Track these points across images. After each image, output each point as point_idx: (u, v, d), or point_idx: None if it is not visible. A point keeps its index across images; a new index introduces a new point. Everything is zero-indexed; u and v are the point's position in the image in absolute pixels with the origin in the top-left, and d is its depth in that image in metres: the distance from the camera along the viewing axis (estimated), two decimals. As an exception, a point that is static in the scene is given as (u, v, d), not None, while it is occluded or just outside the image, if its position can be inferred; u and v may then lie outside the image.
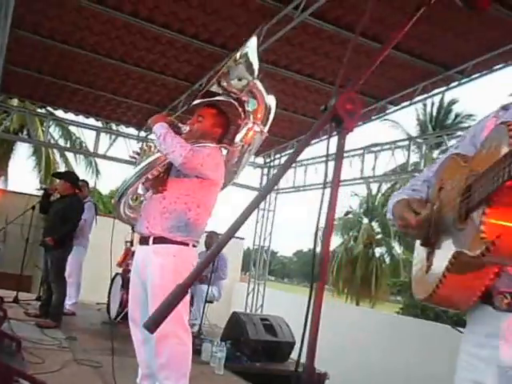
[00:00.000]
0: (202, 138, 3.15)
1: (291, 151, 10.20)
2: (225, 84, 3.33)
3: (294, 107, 8.38)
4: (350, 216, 29.18)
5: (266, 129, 3.44)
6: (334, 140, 1.10)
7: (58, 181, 6.49)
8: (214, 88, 3.35)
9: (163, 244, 2.98)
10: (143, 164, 3.21)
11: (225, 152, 3.35)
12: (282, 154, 10.68)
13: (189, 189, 3.04)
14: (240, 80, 3.33)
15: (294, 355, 5.99)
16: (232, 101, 3.41)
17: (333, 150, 1.09)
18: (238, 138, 3.34)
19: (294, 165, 10.26)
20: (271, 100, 3.44)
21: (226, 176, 3.30)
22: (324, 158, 9.76)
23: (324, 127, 1.10)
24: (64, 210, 5.94)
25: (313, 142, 9.23)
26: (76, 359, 4.26)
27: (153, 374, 3.01)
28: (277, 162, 11.01)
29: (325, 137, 9.06)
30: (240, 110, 3.39)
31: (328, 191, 1.10)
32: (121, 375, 3.45)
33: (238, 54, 3.28)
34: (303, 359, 1.12)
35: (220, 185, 3.18)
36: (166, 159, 3.10)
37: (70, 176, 6.56)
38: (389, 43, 1.12)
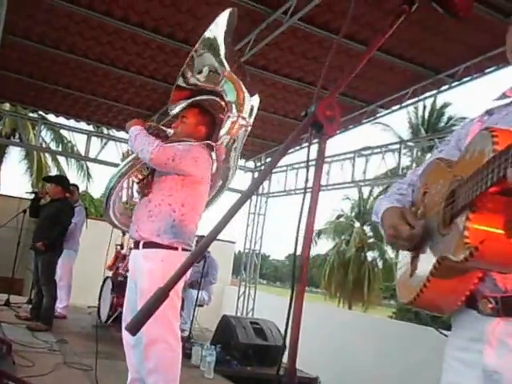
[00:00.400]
0: (187, 139, 3.15)
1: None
2: (193, 79, 3.31)
3: (284, 111, 8.42)
4: (342, 219, 29.23)
5: (251, 121, 3.40)
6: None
7: (48, 184, 6.46)
8: (181, 83, 3.32)
9: (152, 248, 2.95)
10: (122, 164, 3.24)
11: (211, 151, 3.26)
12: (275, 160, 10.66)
13: (171, 188, 3.00)
14: (211, 71, 3.30)
15: (285, 359, 5.97)
16: (208, 96, 3.40)
17: (314, 155, 1.10)
18: (222, 131, 3.28)
19: (285, 168, 10.29)
20: (255, 100, 3.44)
21: (219, 174, 3.31)
22: (314, 162, 9.79)
23: (304, 132, 1.12)
24: (54, 214, 5.93)
25: (302, 146, 9.30)
26: (66, 362, 4.25)
27: (142, 379, 2.99)
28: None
29: (316, 140, 9.12)
30: (221, 103, 3.36)
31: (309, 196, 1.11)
32: (111, 378, 3.44)
33: (198, 44, 3.23)
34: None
35: (205, 181, 3.08)
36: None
37: (60, 180, 6.54)
38: (370, 49, 1.13)
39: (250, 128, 3.41)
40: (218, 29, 3.29)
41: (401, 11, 1.11)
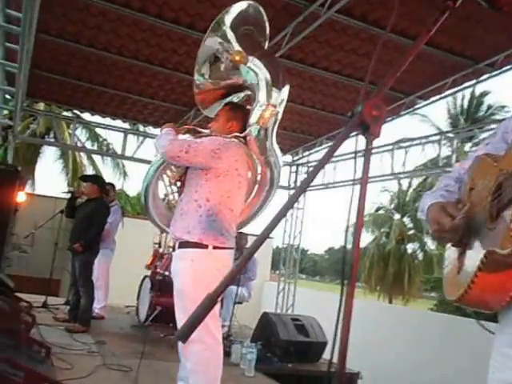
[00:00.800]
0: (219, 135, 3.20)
1: (319, 148, 10.24)
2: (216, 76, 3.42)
3: (322, 104, 8.41)
4: (381, 212, 28.92)
5: (281, 110, 3.44)
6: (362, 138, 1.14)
7: (84, 184, 6.56)
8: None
9: (184, 248, 2.99)
10: (154, 160, 3.35)
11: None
12: (311, 152, 10.69)
13: (197, 184, 3.02)
14: (230, 64, 3.39)
15: (326, 355, 5.98)
16: (241, 93, 3.47)
17: (361, 147, 1.13)
18: (251, 121, 3.27)
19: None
20: (285, 90, 3.47)
21: (256, 167, 3.32)
22: (352, 155, 9.76)
23: (351, 133, 1.13)
24: (90, 214, 6.00)
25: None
26: (105, 364, 4.28)
27: (187, 377, 3.06)
28: (305, 160, 11.04)
29: (353, 134, 9.09)
30: (252, 94, 3.39)
31: (357, 188, 1.14)
32: (150, 378, 3.49)
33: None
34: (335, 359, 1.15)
35: (231, 174, 3.02)
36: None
37: (97, 179, 6.64)
38: (416, 46, 1.14)
39: (279, 117, 3.41)
40: (226, 17, 3.39)
41: (445, 7, 1.13)
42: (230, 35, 3.40)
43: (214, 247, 2.93)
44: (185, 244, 2.97)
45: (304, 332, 5.90)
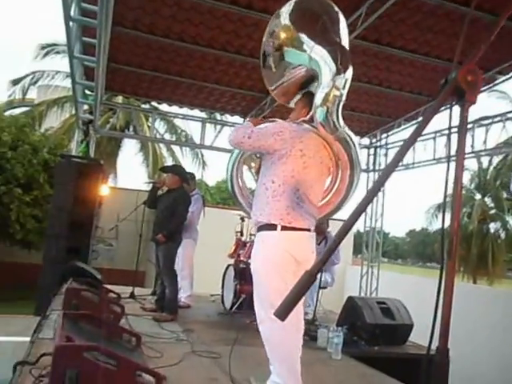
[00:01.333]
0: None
1: (397, 130, 10.12)
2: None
3: (400, 84, 8.27)
4: (462, 192, 27.92)
5: (345, 93, 3.35)
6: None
7: (165, 175, 6.59)
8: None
9: (258, 231, 3.12)
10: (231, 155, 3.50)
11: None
12: (389, 134, 10.58)
13: (266, 169, 3.15)
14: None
15: (412, 338, 5.88)
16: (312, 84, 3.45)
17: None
18: (316, 103, 3.28)
19: (401, 142, 10.09)
20: (349, 72, 3.38)
21: (333, 150, 3.31)
22: (433, 135, 9.51)
23: (445, 101, 1.07)
24: (171, 205, 6.04)
25: (417, 119, 9.05)
26: (194, 351, 4.33)
27: None
28: (383, 142, 10.91)
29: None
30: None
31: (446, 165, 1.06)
32: (239, 364, 3.51)
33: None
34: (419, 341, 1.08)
35: (294, 155, 3.08)
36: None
37: (177, 169, 6.61)
38: (504, 16, 1.18)
39: (343, 98, 3.35)
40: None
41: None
42: (287, 17, 3.45)
43: (282, 228, 3.00)
44: (259, 227, 3.11)
45: (390, 315, 5.86)
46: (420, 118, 9.34)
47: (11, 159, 11.74)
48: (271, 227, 3.00)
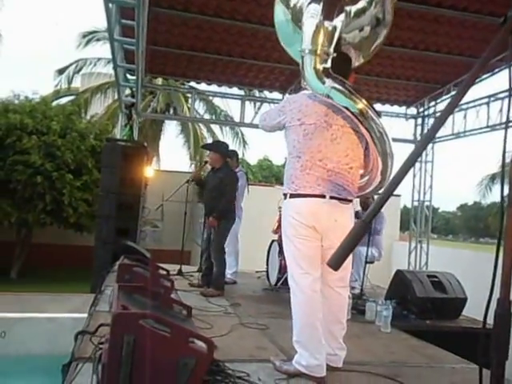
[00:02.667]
0: None
1: (447, 97, 9.73)
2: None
3: (448, 48, 7.97)
4: (521, 162, 26.95)
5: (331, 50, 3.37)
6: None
7: (207, 153, 6.71)
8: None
9: (285, 200, 3.29)
10: None
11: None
12: (437, 101, 10.22)
13: (290, 142, 3.29)
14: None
15: (466, 312, 5.82)
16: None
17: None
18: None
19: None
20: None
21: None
22: (486, 100, 9.14)
23: (505, 42, 1.02)
24: (219, 184, 6.09)
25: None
26: (243, 323, 4.50)
27: (326, 331, 3.18)
28: (431, 111, 10.57)
29: (487, 75, 8.45)
30: None
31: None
32: (286, 336, 3.59)
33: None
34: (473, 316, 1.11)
35: (293, 125, 3.23)
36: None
37: (218, 146, 6.54)
38: None
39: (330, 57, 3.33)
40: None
41: None
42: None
43: (290, 196, 3.18)
44: (285, 196, 3.28)
45: (441, 288, 5.79)
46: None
47: (61, 146, 12.26)
48: (285, 197, 3.23)
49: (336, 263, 1.06)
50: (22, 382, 7.02)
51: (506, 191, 1.27)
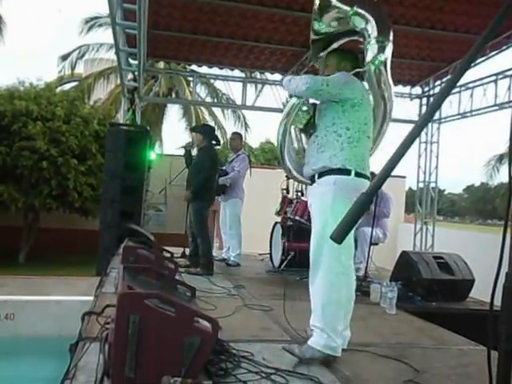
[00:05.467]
0: None
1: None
2: (325, 29, 3.53)
3: (455, 25, 7.83)
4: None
5: (391, 41, 3.38)
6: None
7: (194, 134, 6.89)
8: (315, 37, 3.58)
9: (325, 176, 3.12)
10: (280, 120, 3.45)
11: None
12: (443, 80, 10.07)
13: (333, 117, 3.16)
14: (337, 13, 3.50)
15: (473, 294, 5.79)
16: (343, 39, 3.57)
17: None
18: (368, 59, 3.36)
19: (457, 89, 9.68)
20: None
21: (377, 103, 3.40)
22: (494, 78, 9.01)
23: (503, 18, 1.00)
24: (197, 163, 6.35)
25: (480, 60, 8.53)
26: (246, 304, 4.52)
27: None
28: (437, 90, 10.38)
29: (494, 52, 8.35)
30: (359, 39, 3.48)
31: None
32: (290, 317, 3.63)
33: None
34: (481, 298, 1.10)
35: (364, 104, 3.20)
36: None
37: (202, 128, 6.94)
38: None
39: (391, 49, 3.39)
40: None
41: None
42: None
43: (356, 174, 3.07)
44: (326, 172, 3.11)
45: (448, 270, 5.75)
46: (479, 60, 8.83)
47: (65, 132, 12.35)
48: (344, 172, 3.07)
49: (339, 237, 1.06)
50: (31, 362, 7.10)
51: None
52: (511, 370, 1.24)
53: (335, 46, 3.60)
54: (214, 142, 6.56)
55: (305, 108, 3.33)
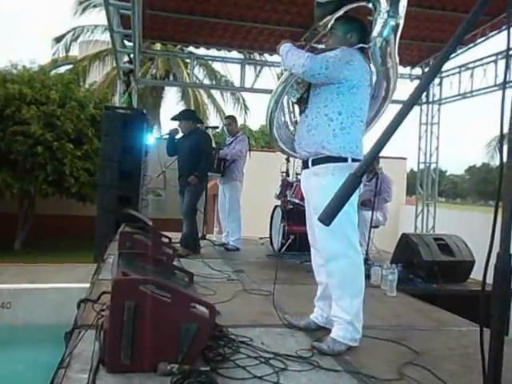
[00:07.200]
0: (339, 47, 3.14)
1: (453, 56, 9.46)
2: None
3: (454, 4, 7.77)
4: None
5: (402, 15, 3.20)
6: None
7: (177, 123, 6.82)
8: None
9: (322, 164, 3.03)
10: (277, 84, 3.30)
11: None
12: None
13: (326, 99, 3.04)
14: None
15: (474, 275, 5.80)
16: (352, 5, 3.33)
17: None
18: (373, 33, 3.19)
19: (457, 70, 9.65)
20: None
21: (380, 80, 3.28)
22: (494, 58, 8.98)
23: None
24: (196, 146, 6.34)
25: (480, 39, 8.48)
26: (246, 289, 4.52)
27: (328, 296, 3.12)
28: (437, 72, 10.36)
29: (494, 32, 8.29)
30: (367, 5, 3.28)
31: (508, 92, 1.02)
32: (290, 301, 3.63)
33: None
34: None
35: (363, 85, 3.06)
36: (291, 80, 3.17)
37: (186, 114, 6.93)
38: None
39: (401, 25, 3.22)
40: None
41: None
42: None
43: (353, 160, 2.97)
44: (322, 159, 3.03)
45: (448, 251, 5.77)
46: (479, 40, 8.76)
47: (60, 116, 12.32)
48: (340, 160, 2.99)
49: (328, 219, 1.04)
50: (29, 350, 7.14)
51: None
52: (503, 350, 1.26)
53: (345, 10, 3.37)
54: (210, 126, 6.63)
55: (300, 80, 3.21)
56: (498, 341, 1.24)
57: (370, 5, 3.26)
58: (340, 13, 3.34)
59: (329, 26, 3.33)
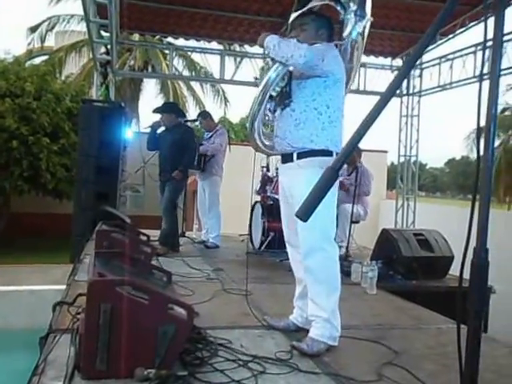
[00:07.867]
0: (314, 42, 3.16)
1: (433, 47, 9.46)
2: None
3: (435, -6, 7.76)
4: (507, 113, 26.96)
5: (369, 14, 3.31)
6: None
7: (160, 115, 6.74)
8: None
9: (308, 157, 3.03)
10: (261, 85, 3.20)
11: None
12: (425, 52, 10.05)
13: (314, 92, 3.05)
14: None
15: (453, 271, 5.86)
16: (322, 2, 3.40)
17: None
18: (344, 33, 3.29)
19: (437, 61, 9.72)
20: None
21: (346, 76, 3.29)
22: (473, 49, 9.03)
23: None
24: (181, 140, 6.30)
25: (460, 30, 8.53)
26: (225, 289, 4.50)
27: (308, 294, 3.12)
28: (418, 62, 10.39)
29: (473, 23, 8.35)
30: (336, 7, 3.36)
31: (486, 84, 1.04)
32: (270, 301, 3.62)
33: None
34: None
35: (343, 80, 3.13)
36: (281, 72, 3.10)
37: (169, 107, 6.89)
38: None
39: (370, 23, 3.33)
40: None
41: None
42: None
43: (337, 154, 2.97)
44: (309, 153, 3.03)
45: (428, 247, 5.82)
46: (459, 31, 8.82)
47: (36, 109, 12.07)
48: (327, 153, 3.01)
49: (306, 214, 1.03)
50: (2, 357, 6.93)
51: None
52: (480, 346, 1.26)
53: (314, 4, 3.37)
54: (189, 119, 6.73)
55: (282, 74, 3.11)
56: (474, 338, 1.25)
57: (338, 6, 3.35)
58: (309, 7, 3.32)
59: (297, 20, 3.30)
